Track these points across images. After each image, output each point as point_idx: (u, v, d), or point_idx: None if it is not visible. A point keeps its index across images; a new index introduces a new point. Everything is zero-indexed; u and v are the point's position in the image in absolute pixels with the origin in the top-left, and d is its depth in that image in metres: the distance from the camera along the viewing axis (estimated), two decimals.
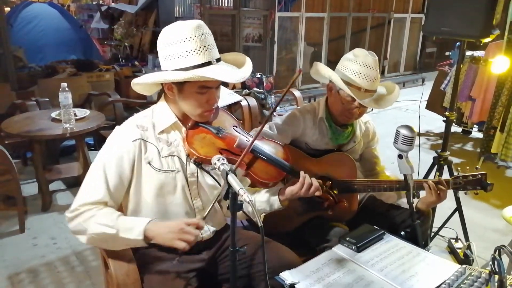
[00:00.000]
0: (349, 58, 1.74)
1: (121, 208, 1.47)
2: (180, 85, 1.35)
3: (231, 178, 1.10)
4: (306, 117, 1.84)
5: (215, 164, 1.18)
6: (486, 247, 2.70)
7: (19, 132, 2.93)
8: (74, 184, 3.51)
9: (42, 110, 3.49)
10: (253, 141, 1.34)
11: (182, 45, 1.30)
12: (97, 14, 9.02)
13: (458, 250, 2.61)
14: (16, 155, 3.91)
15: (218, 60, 1.36)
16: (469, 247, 2.57)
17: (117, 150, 1.37)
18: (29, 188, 3.45)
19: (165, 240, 1.29)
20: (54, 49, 6.29)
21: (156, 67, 8.22)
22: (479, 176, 1.70)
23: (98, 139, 4.03)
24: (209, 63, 1.32)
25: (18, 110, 3.65)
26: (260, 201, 1.55)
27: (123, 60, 8.03)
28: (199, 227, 1.31)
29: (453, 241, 2.71)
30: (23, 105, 3.59)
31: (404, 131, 1.48)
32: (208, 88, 1.35)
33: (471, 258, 2.51)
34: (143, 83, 1.42)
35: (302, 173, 1.49)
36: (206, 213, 1.36)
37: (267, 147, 1.47)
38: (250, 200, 1.04)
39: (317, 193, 1.51)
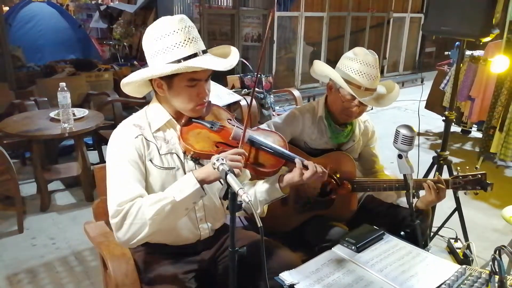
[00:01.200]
0: (349, 57, 1.74)
1: None
2: (169, 80, 1.34)
3: (231, 178, 1.09)
4: (305, 116, 1.84)
5: (214, 164, 1.17)
6: (486, 247, 2.70)
7: (18, 132, 2.93)
8: (73, 184, 3.51)
9: (41, 110, 3.49)
10: (245, 129, 1.34)
11: (166, 39, 1.29)
12: (96, 13, 9.01)
13: (458, 250, 2.61)
14: (15, 155, 3.90)
15: (204, 52, 1.35)
16: (468, 247, 2.57)
17: (124, 148, 1.34)
18: (28, 188, 3.44)
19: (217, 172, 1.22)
20: (53, 48, 6.28)
21: None
22: (479, 176, 1.69)
23: (97, 139, 4.02)
24: (195, 55, 1.31)
25: (17, 109, 3.64)
26: (261, 191, 1.51)
27: (122, 60, 8.01)
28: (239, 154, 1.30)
29: (452, 241, 2.70)
30: (22, 104, 3.58)
31: (404, 131, 1.48)
32: (197, 80, 1.34)
33: (470, 258, 2.51)
34: (132, 82, 1.39)
35: (297, 159, 1.44)
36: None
37: (264, 137, 1.47)
38: (249, 201, 1.03)
39: (322, 178, 1.47)
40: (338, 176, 1.68)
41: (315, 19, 7.17)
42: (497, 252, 1.14)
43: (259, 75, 4.33)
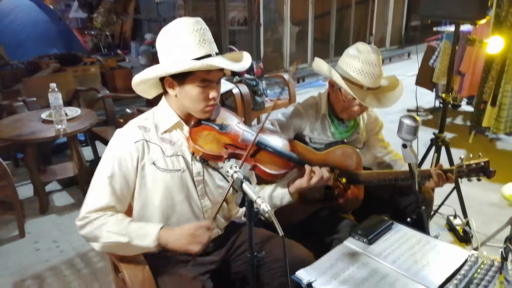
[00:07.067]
0: (352, 54, 1.70)
1: (130, 208, 1.47)
2: (182, 80, 1.35)
3: (246, 186, 1.09)
4: (309, 112, 1.84)
5: (227, 172, 1.17)
6: (484, 221, 2.77)
7: (11, 136, 2.85)
8: (70, 183, 3.47)
9: (31, 111, 3.40)
10: (258, 133, 1.35)
11: (182, 39, 1.32)
12: (75, 3, 8.76)
13: (457, 227, 2.67)
14: (6, 156, 3.83)
15: (217, 54, 1.37)
16: (468, 223, 2.63)
17: (120, 152, 1.37)
18: (24, 191, 3.39)
19: (179, 246, 1.32)
20: (35, 43, 6.09)
21: (140, 54, 8.06)
22: (482, 163, 1.73)
23: (90, 135, 3.96)
24: (209, 56, 1.33)
25: (5, 111, 3.55)
26: (270, 197, 1.55)
27: (105, 49, 7.86)
28: (210, 229, 1.34)
29: (451, 218, 2.76)
30: (11, 106, 3.49)
31: (407, 121, 1.48)
32: (209, 81, 1.36)
33: (470, 235, 2.57)
34: (145, 79, 1.40)
35: (307, 166, 1.49)
36: (215, 213, 1.39)
37: (271, 139, 1.48)
38: (268, 210, 1.03)
39: (328, 182, 1.52)
40: (344, 181, 1.69)
41: None
42: (508, 241, 1.18)
43: None
